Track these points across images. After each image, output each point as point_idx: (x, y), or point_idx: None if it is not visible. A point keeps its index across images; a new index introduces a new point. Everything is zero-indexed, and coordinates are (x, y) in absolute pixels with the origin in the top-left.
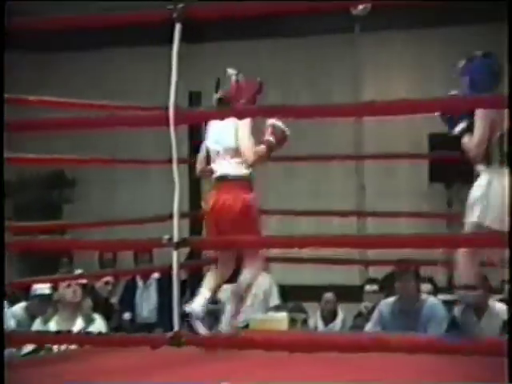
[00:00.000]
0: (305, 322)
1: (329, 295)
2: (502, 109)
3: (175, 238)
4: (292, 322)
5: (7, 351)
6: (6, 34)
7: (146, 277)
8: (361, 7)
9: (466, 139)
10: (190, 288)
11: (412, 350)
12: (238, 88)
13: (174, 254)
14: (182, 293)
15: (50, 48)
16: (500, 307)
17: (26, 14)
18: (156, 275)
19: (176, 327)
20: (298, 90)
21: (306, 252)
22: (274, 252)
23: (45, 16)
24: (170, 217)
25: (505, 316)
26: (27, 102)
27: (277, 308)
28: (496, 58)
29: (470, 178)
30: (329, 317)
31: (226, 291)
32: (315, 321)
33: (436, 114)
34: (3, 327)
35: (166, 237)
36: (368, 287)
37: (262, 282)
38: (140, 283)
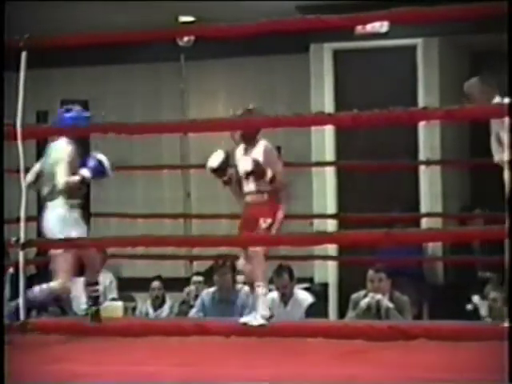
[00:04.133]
0: (134, 309)
1: (156, 283)
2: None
3: (22, 240)
4: (124, 310)
5: None
6: None
7: None
8: (186, 39)
9: None
10: (37, 281)
11: (228, 333)
12: None
13: (21, 253)
14: (30, 286)
15: None
16: (303, 294)
17: None
18: (11, 270)
19: (22, 317)
20: (136, 112)
21: (139, 249)
22: (112, 250)
23: None
24: (18, 220)
25: (307, 302)
26: None
27: (114, 299)
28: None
29: None
30: (157, 304)
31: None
32: (146, 308)
33: None
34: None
35: (14, 238)
36: (195, 278)
37: (103, 278)
38: None
